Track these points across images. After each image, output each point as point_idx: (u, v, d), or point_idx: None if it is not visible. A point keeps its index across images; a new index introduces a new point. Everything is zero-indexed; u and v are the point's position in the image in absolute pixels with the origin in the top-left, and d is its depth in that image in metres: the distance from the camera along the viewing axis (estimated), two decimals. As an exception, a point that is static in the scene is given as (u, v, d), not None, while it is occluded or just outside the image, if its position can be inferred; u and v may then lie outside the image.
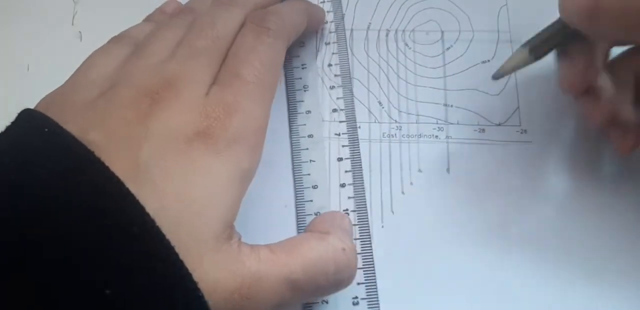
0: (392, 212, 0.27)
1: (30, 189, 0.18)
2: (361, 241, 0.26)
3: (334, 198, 0.27)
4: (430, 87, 0.29)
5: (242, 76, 0.22)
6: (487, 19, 0.31)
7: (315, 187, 0.27)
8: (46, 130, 0.20)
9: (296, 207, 0.27)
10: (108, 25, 0.31)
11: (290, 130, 0.28)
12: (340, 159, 0.28)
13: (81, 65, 0.25)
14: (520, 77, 0.29)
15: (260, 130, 0.23)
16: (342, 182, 0.27)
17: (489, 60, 0.30)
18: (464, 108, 0.29)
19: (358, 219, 0.26)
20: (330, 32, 0.31)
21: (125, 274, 0.17)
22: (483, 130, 0.28)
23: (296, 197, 0.27)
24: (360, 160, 0.28)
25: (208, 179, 0.20)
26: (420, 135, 0.28)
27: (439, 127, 0.28)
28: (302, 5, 0.28)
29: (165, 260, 0.17)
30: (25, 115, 0.21)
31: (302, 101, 0.29)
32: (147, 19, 0.29)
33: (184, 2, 0.29)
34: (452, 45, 0.30)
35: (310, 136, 0.28)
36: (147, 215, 0.18)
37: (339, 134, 0.28)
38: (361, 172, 0.27)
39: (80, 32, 0.31)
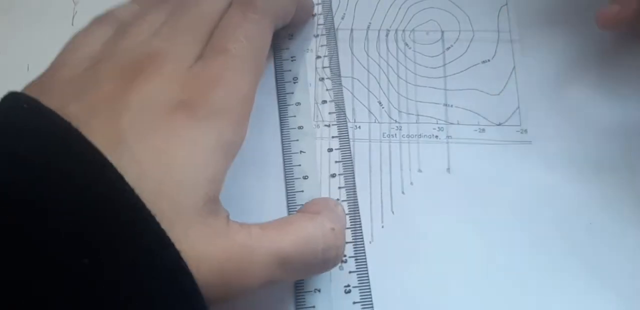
0: (392, 212, 0.27)
1: (5, 163, 0.18)
2: (352, 230, 0.26)
3: (324, 188, 0.27)
4: (430, 87, 0.29)
5: (227, 50, 0.22)
6: (488, 18, 0.31)
7: (305, 177, 0.27)
8: (25, 106, 0.20)
9: (287, 198, 0.27)
10: (108, 25, 0.31)
11: (281, 122, 0.29)
12: (330, 150, 0.28)
13: (64, 46, 0.24)
14: (520, 77, 0.29)
15: (245, 103, 0.22)
16: (332, 173, 0.27)
17: (489, 60, 0.30)
18: (464, 108, 0.29)
19: (349, 208, 0.27)
20: (318, 25, 0.31)
21: (104, 243, 0.17)
22: (483, 130, 0.28)
23: (287, 187, 0.27)
24: (349, 150, 0.28)
25: (188, 149, 0.19)
26: (420, 135, 0.28)
27: (439, 127, 0.28)
28: None
29: (145, 230, 0.17)
30: (7, 95, 0.21)
31: (292, 93, 0.29)
32: (133, 0, 0.28)
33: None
34: (452, 45, 0.30)
35: (300, 128, 0.28)
36: (127, 184, 0.17)
37: (328, 125, 0.29)
38: (351, 162, 0.28)
39: (80, 32, 0.31)
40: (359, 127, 0.29)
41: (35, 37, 0.31)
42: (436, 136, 0.28)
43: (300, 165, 0.27)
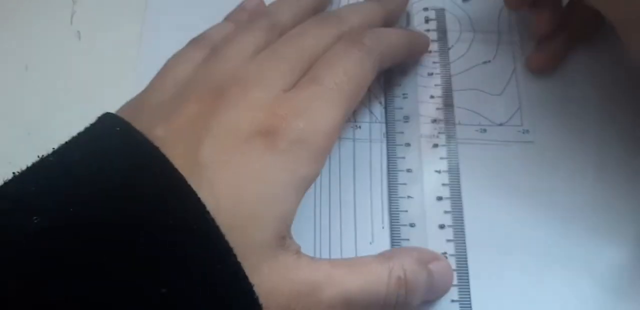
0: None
1: (94, 184, 0.18)
2: (459, 288, 0.24)
3: (430, 239, 0.25)
4: (420, 81, 0.29)
5: (321, 82, 0.22)
6: (488, 19, 0.31)
7: (412, 225, 0.25)
8: (117, 129, 0.20)
9: (391, 244, 0.25)
10: (107, 24, 0.31)
11: (388, 163, 0.27)
12: (439, 198, 0.26)
13: (160, 70, 0.25)
14: (521, 77, 0.29)
15: (327, 137, 0.21)
16: (440, 223, 0.25)
17: (490, 61, 0.30)
18: (465, 108, 0.29)
19: (457, 264, 0.25)
20: (434, 63, 0.30)
21: (182, 273, 0.17)
22: (485, 130, 0.28)
23: (392, 233, 0.26)
24: (461, 200, 0.26)
25: (263, 184, 0.19)
26: (421, 136, 0.28)
27: (431, 120, 0.28)
28: (403, 31, 0.27)
29: (223, 262, 0.17)
30: (103, 117, 0.21)
31: (402, 133, 0.28)
32: (227, 18, 0.29)
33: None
34: (453, 46, 0.30)
35: (409, 171, 0.27)
36: (208, 213, 0.18)
37: (439, 172, 0.27)
38: (462, 215, 0.26)
39: (78, 31, 0.31)
40: (360, 127, 0.28)
41: (33, 37, 0.31)
42: (427, 129, 0.28)
43: (407, 211, 0.26)
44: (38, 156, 0.20)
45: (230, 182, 0.19)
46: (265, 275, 0.18)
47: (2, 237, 0.17)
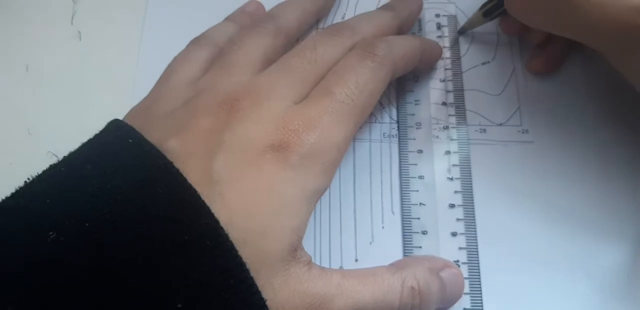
0: (392, 212, 0.26)
1: (108, 198, 0.18)
2: (471, 296, 0.24)
3: (443, 247, 0.25)
4: (433, 88, 0.29)
5: (333, 94, 0.22)
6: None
7: (424, 232, 0.25)
8: (130, 141, 0.20)
9: (404, 251, 0.25)
10: (107, 24, 0.31)
11: (400, 169, 0.27)
12: (452, 206, 0.26)
13: (163, 72, 0.25)
14: (520, 78, 0.29)
15: (337, 151, 0.21)
16: (453, 231, 0.25)
17: (489, 62, 0.30)
18: (464, 108, 0.29)
19: (469, 272, 0.25)
20: (446, 69, 0.30)
21: (197, 288, 0.17)
22: (484, 130, 0.28)
23: (404, 240, 0.26)
24: (473, 208, 0.26)
25: (275, 199, 0.20)
26: (433, 142, 0.28)
27: (442, 127, 0.28)
28: (416, 39, 0.27)
29: (236, 277, 0.17)
30: (113, 126, 0.21)
31: (414, 139, 0.28)
32: (227, 18, 0.29)
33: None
34: (453, 46, 0.30)
35: (421, 177, 0.27)
36: (221, 229, 0.18)
37: (451, 179, 0.27)
38: (474, 223, 0.26)
39: (79, 31, 0.31)
40: (360, 126, 0.28)
41: (34, 37, 0.31)
42: (437, 136, 0.28)
43: (419, 218, 0.26)
44: (50, 165, 0.20)
45: (243, 197, 0.19)
46: (277, 289, 0.19)
47: (19, 252, 0.17)
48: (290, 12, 0.27)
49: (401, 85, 0.28)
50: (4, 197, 0.19)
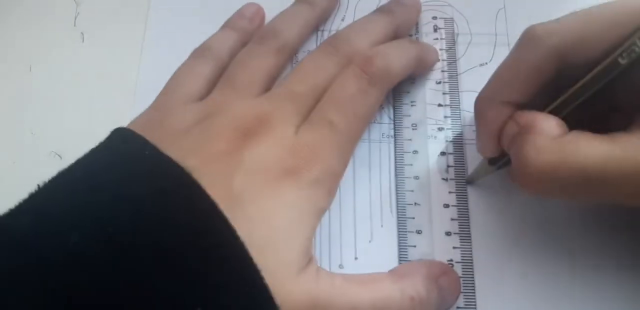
0: (391, 212, 0.27)
1: (128, 204, 0.19)
2: (465, 295, 0.25)
3: (437, 246, 0.26)
4: (429, 89, 0.30)
5: (333, 123, 0.23)
6: (485, 22, 0.31)
7: (419, 232, 0.26)
8: (146, 153, 0.21)
9: (399, 251, 0.26)
10: (110, 26, 0.32)
11: (396, 170, 0.28)
12: (446, 206, 0.26)
13: (167, 84, 0.26)
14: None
15: (337, 177, 0.24)
16: (447, 230, 0.26)
17: (486, 63, 0.30)
18: (462, 110, 0.29)
19: (463, 271, 0.25)
20: (442, 71, 0.30)
21: (213, 295, 0.18)
22: (481, 131, 0.28)
23: (399, 240, 0.26)
24: (467, 208, 0.26)
25: (292, 212, 0.21)
26: (428, 143, 0.28)
27: (438, 128, 0.29)
28: (413, 48, 0.28)
29: (252, 284, 0.18)
30: (122, 136, 0.22)
31: (410, 140, 0.28)
32: (226, 25, 0.30)
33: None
34: (450, 48, 0.31)
35: (416, 178, 0.27)
36: (238, 238, 0.19)
37: (446, 179, 0.27)
38: (468, 222, 0.26)
39: (82, 33, 0.31)
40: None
41: (37, 38, 0.31)
42: (435, 137, 0.28)
43: (414, 218, 0.26)
44: (60, 172, 0.20)
45: (263, 210, 0.21)
46: (290, 292, 0.19)
47: (38, 255, 0.17)
48: (292, 26, 0.28)
49: (397, 86, 0.28)
50: (20, 200, 0.19)
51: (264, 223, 0.20)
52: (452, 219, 0.26)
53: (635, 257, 0.25)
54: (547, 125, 0.21)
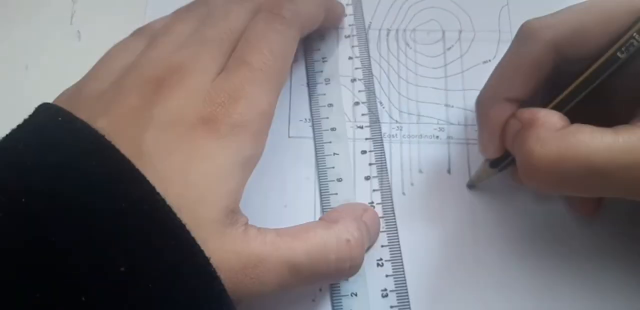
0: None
1: (45, 172, 0.18)
2: (388, 233, 0.26)
3: (358, 191, 0.27)
4: (431, 87, 0.29)
5: (249, 63, 0.22)
6: (488, 18, 0.31)
7: (339, 180, 0.27)
8: (60, 119, 0.20)
9: (321, 200, 0.27)
10: (107, 24, 0.31)
11: (313, 124, 0.28)
12: (364, 152, 0.28)
13: (100, 59, 0.25)
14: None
15: (265, 117, 0.22)
16: (366, 175, 0.27)
17: (490, 60, 0.30)
18: (465, 108, 0.29)
19: (384, 211, 0.26)
20: (350, 25, 0.31)
21: (139, 251, 0.17)
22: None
23: (321, 189, 0.27)
24: (383, 152, 0.28)
25: (209, 166, 0.20)
26: (421, 136, 0.28)
27: (440, 128, 0.28)
28: None
29: (176, 238, 0.18)
30: (41, 108, 0.21)
31: (324, 94, 0.29)
32: (174, 12, 0.29)
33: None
34: (453, 45, 0.30)
35: (333, 129, 0.28)
36: (158, 194, 0.18)
37: (362, 127, 0.28)
38: (385, 165, 0.27)
39: (78, 31, 0.31)
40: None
41: (34, 37, 0.31)
42: (437, 137, 0.28)
43: (334, 167, 0.27)
44: None
45: (176, 167, 0.20)
46: (213, 250, 0.19)
47: None
48: None
49: (308, 44, 0.30)
50: None
51: (177, 181, 0.19)
52: (370, 164, 0.27)
53: (635, 257, 0.25)
54: (550, 118, 0.21)
